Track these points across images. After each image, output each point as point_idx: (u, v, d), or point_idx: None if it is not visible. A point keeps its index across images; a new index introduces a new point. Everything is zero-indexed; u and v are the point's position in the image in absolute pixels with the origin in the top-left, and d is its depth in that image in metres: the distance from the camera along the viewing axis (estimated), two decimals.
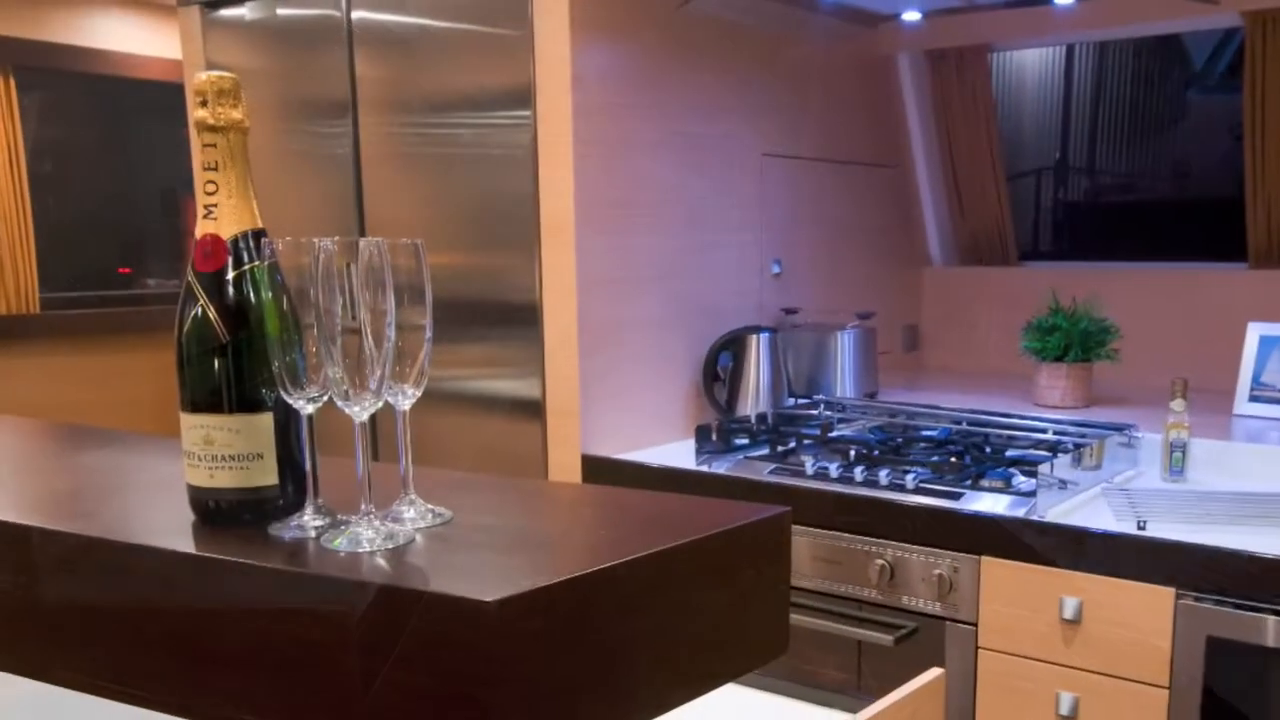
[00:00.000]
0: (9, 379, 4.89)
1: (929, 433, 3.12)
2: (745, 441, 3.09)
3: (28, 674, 1.18)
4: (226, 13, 3.67)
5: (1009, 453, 2.86)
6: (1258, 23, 3.32)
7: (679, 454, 3.10)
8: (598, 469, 3.04)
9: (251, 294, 1.12)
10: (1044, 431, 3.05)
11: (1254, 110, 3.41)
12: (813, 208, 3.79)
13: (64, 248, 5.20)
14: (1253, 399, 3.21)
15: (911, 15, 3.60)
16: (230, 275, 1.12)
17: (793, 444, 3.04)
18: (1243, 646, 2.22)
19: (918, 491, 2.65)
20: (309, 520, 1.12)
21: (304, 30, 3.49)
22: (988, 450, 2.91)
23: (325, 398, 1.10)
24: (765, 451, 3.00)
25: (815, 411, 3.40)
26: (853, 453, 2.90)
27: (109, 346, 5.24)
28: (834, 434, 3.13)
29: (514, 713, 0.90)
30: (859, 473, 2.75)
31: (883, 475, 2.72)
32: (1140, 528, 2.35)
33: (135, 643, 1.08)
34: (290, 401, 1.10)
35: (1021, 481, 2.61)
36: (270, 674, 1.00)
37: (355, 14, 3.35)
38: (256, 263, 1.12)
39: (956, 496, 2.60)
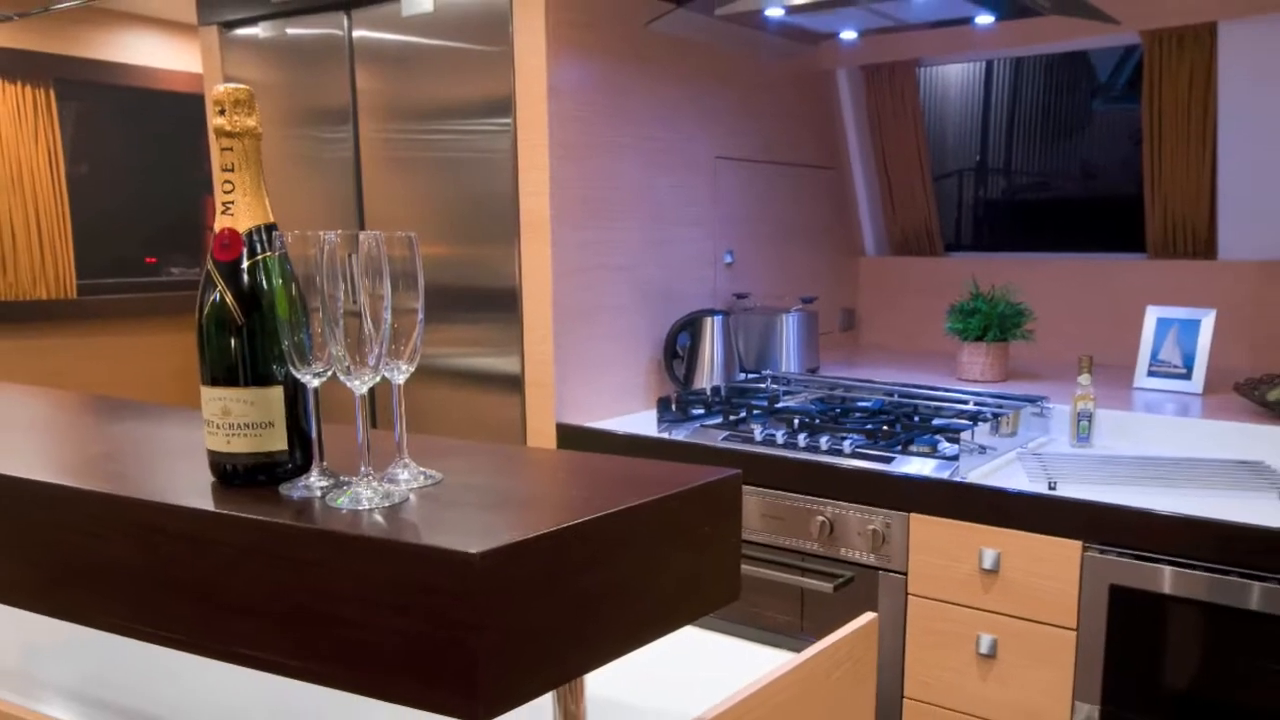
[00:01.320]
0: (49, 357, 4.88)
1: (864, 404, 3.13)
2: (701, 412, 3.09)
3: (70, 619, 1.18)
4: (242, 32, 3.65)
5: (935, 421, 2.87)
6: (1155, 41, 3.34)
7: (643, 423, 3.11)
8: (570, 436, 3.05)
9: (264, 281, 1.12)
10: (966, 403, 3.06)
11: (1151, 118, 3.43)
12: (761, 205, 3.79)
13: (97, 240, 5.16)
14: (1150, 374, 3.23)
15: (849, 34, 3.59)
16: (245, 264, 1.12)
17: (743, 414, 3.04)
18: (1141, 593, 2.24)
19: (854, 456, 2.66)
20: (315, 481, 1.12)
21: (311, 47, 3.47)
22: (916, 419, 2.92)
23: (329, 373, 1.10)
24: (719, 420, 3.00)
25: (763, 385, 3.41)
26: (796, 421, 2.91)
27: (137, 328, 5.23)
28: (780, 405, 3.13)
29: (497, 654, 0.91)
30: (802, 439, 2.76)
31: (823, 441, 2.73)
32: (1051, 488, 2.37)
33: (162, 590, 1.08)
34: (298, 376, 1.11)
35: (946, 447, 2.62)
36: (281, 618, 1.00)
37: (356, 33, 3.33)
38: (268, 253, 1.12)
39: (888, 460, 2.61)
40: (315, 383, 1.11)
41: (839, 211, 4.27)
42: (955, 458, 2.55)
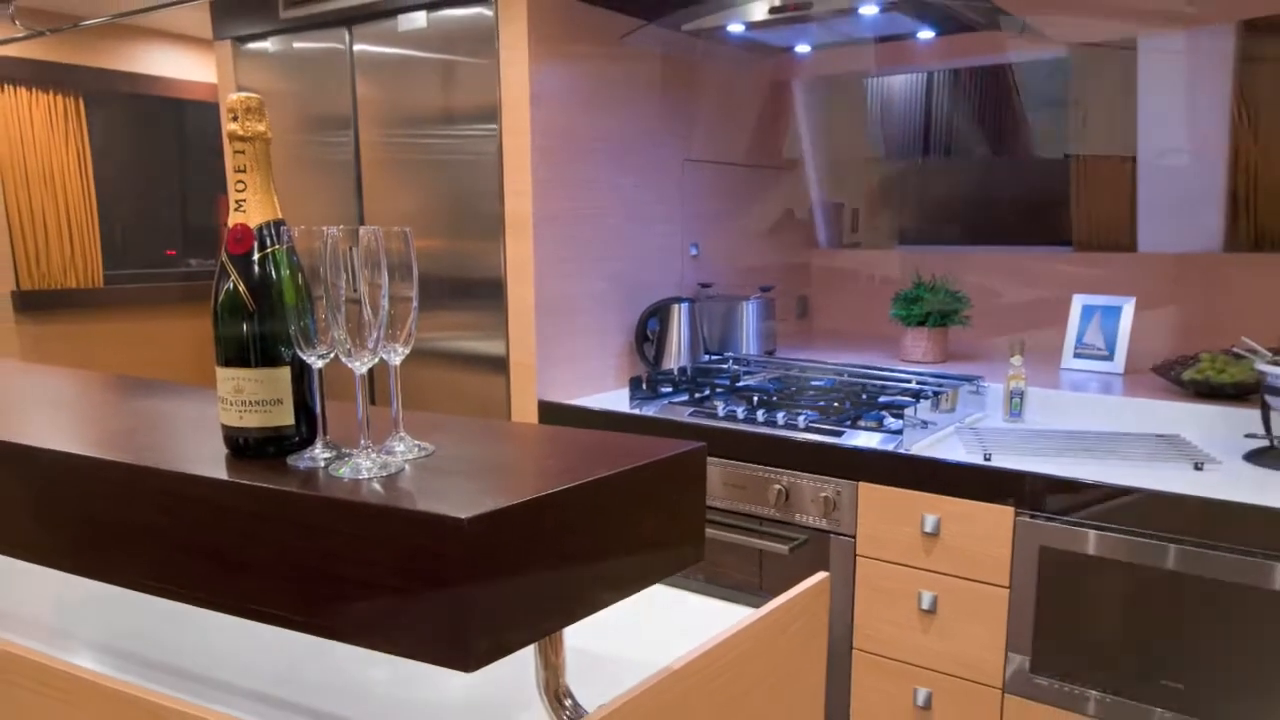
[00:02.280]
0: (79, 341, 4.87)
1: (817, 383, 3.14)
2: (669, 390, 3.10)
3: (98, 578, 1.17)
4: (253, 46, 3.62)
5: (881, 399, 2.88)
6: (1081, 54, 3.35)
7: (616, 400, 3.11)
8: (551, 412, 3.05)
9: (273, 272, 1.11)
10: (909, 382, 3.07)
11: (1078, 125, 3.44)
12: (724, 202, 3.79)
13: (123, 235, 5.15)
14: (1076, 356, 3.25)
15: (803, 48, 3.59)
16: (256, 257, 1.11)
17: (707, 392, 3.04)
18: (1068, 554, 2.26)
19: (808, 430, 2.67)
20: (319, 453, 1.12)
21: (315, 59, 3.45)
22: (864, 397, 2.92)
23: (332, 354, 1.09)
24: (685, 398, 3.01)
25: (726, 366, 3.41)
26: (756, 399, 2.91)
27: (158, 314, 5.21)
28: (741, 384, 3.14)
29: (485, 609, 0.91)
30: (761, 415, 2.77)
31: (780, 417, 2.73)
32: (986, 459, 2.38)
33: (181, 552, 1.08)
34: (304, 357, 1.10)
35: (891, 422, 2.63)
36: (288, 577, 1.00)
37: (356, 47, 3.31)
38: (277, 247, 1.12)
39: (839, 434, 2.62)
40: (319, 364, 1.11)
41: (795, 208, 4.27)
42: (899, 431, 2.56)
